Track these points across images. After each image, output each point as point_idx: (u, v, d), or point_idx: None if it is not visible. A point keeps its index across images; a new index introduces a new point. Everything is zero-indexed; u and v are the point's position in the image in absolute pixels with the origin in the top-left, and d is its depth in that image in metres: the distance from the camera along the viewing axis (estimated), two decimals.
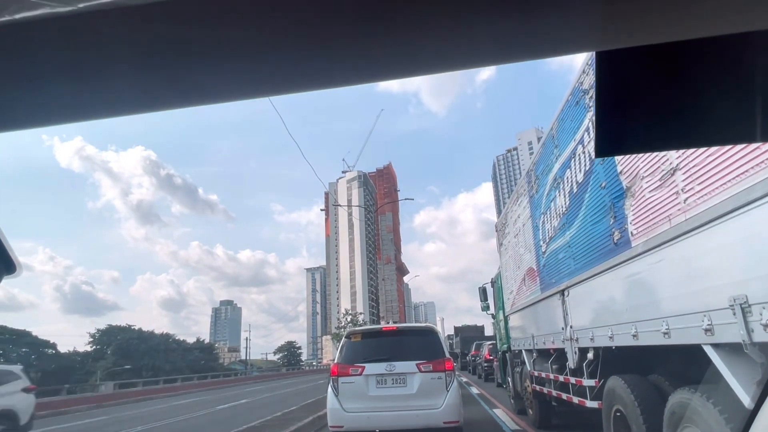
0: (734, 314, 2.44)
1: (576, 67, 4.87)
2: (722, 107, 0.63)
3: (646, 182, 3.35)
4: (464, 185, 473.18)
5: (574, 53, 0.46)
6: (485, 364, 20.80)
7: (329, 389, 6.21)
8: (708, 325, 2.69)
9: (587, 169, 4.47)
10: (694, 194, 2.78)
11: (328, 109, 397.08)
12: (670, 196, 3.03)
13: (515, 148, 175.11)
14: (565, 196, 5.19)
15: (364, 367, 6.12)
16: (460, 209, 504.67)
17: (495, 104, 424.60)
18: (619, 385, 4.07)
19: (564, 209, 5.25)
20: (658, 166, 3.16)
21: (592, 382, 4.83)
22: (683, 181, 2.88)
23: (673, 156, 2.97)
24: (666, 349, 3.43)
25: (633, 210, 3.59)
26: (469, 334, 35.08)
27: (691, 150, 2.77)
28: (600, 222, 4.25)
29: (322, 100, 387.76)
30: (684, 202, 2.87)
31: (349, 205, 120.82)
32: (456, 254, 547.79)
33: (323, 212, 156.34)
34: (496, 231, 10.49)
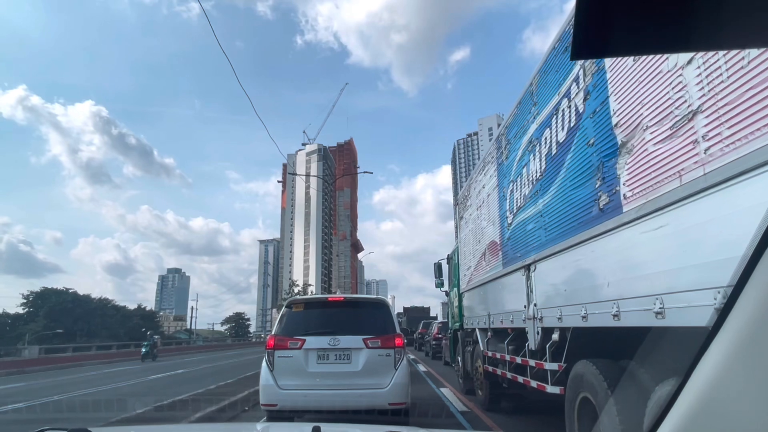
0: None
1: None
2: None
3: (651, 133, 2.79)
4: (425, 166, 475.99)
5: None
6: (434, 342, 20.79)
7: (263, 363, 5.52)
8: (721, 304, 2.17)
9: (572, 125, 3.90)
10: (719, 142, 2.22)
11: (293, 78, 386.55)
12: (685, 146, 2.47)
13: (476, 133, 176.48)
14: (540, 160, 4.63)
15: (304, 340, 5.46)
16: (419, 190, 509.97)
17: (465, 87, 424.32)
18: (589, 371, 3.59)
19: (538, 174, 4.70)
20: (671, 111, 2.59)
21: (554, 366, 4.37)
22: (705, 126, 2.32)
23: (694, 96, 2.40)
24: (651, 332, 2.94)
25: (628, 169, 3.04)
26: (416, 315, 38.51)
27: (723, 85, 2.20)
28: (583, 185, 3.70)
29: (286, 68, 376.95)
30: (705, 153, 2.31)
31: (307, 174, 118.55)
32: (412, 234, 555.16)
33: (280, 184, 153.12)
34: (457, 204, 9.98)
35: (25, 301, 48.23)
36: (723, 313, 0.83)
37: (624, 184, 3.08)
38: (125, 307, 56.93)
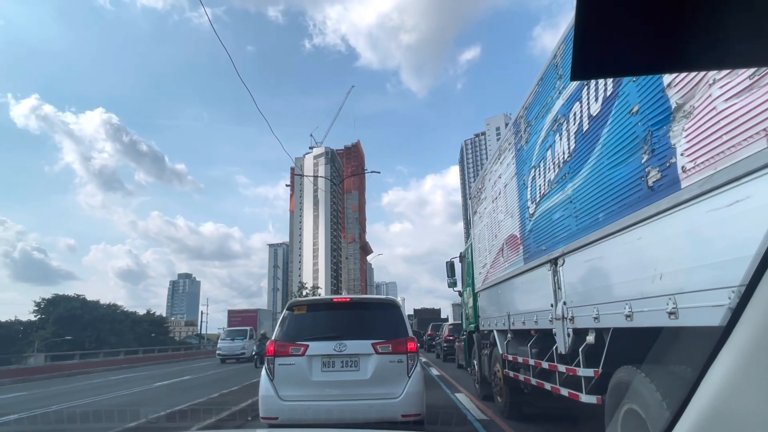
0: None
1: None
2: (742, 19, 0.53)
3: (720, 88, 2.27)
4: (433, 167, 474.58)
5: None
6: (445, 344, 20.30)
7: (263, 372, 5.03)
8: None
9: (608, 94, 3.37)
10: None
11: (301, 82, 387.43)
12: None
13: (483, 133, 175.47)
14: (569, 139, 4.10)
15: (307, 345, 4.97)
16: (428, 191, 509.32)
17: (473, 87, 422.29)
18: (637, 379, 3.06)
19: (566, 156, 4.17)
20: None
21: (590, 372, 3.83)
22: None
23: None
24: (717, 332, 2.41)
25: (687, 136, 2.52)
26: (427, 316, 39.30)
27: None
28: (625, 162, 3.17)
29: (295, 72, 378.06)
30: None
31: (315, 176, 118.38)
32: (422, 235, 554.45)
33: (289, 187, 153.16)
34: (470, 198, 9.44)
35: (36, 308, 48.40)
36: (736, 312, 0.81)
37: (682, 155, 2.55)
38: (135, 313, 56.86)
